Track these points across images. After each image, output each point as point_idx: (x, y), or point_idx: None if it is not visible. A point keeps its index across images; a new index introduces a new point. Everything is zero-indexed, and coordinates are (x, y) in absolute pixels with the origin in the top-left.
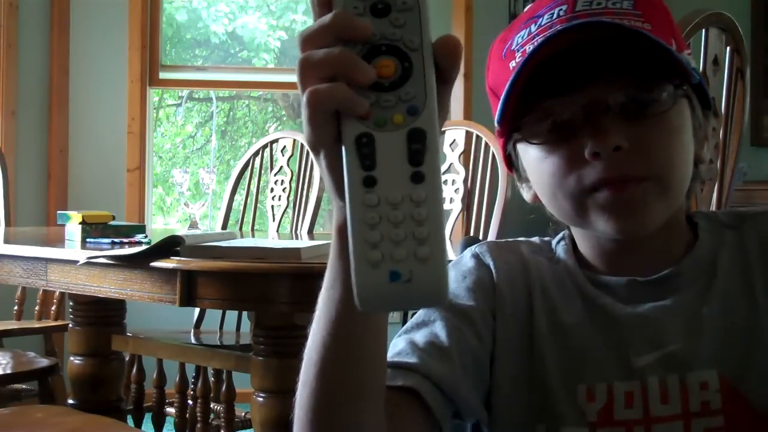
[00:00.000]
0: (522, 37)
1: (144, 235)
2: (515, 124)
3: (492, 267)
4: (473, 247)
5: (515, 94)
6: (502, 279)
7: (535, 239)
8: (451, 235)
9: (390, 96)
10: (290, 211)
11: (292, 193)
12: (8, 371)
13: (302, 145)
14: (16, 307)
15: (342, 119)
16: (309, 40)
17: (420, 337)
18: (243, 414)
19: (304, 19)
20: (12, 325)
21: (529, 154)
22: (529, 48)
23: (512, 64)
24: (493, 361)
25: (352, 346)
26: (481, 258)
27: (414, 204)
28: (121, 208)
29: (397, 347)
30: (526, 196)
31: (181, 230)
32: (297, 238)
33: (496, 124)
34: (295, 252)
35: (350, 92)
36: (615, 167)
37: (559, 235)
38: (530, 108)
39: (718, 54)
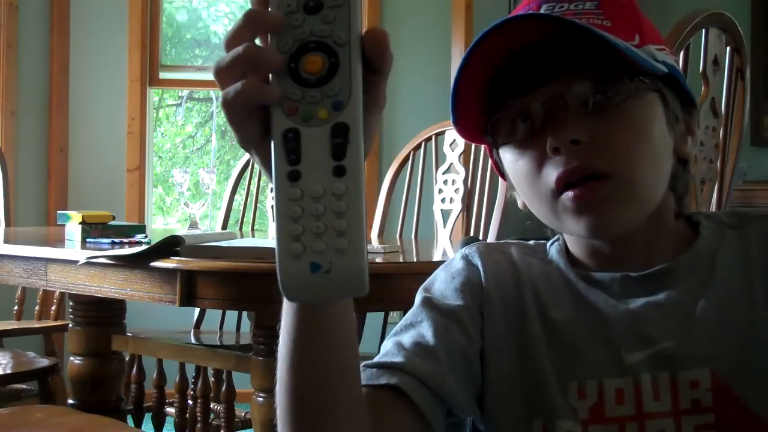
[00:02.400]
0: None
1: (144, 235)
2: (486, 127)
3: (480, 267)
4: (463, 249)
5: (466, 96)
6: (490, 279)
7: (530, 241)
8: (451, 235)
9: (316, 92)
10: None
11: None
12: (8, 371)
13: None
14: (16, 307)
15: (271, 115)
16: (229, 43)
17: (407, 338)
18: (243, 414)
19: None
20: (12, 325)
21: (506, 158)
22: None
23: None
24: (484, 360)
25: (312, 331)
26: (470, 259)
27: (335, 197)
28: (121, 208)
29: (384, 349)
30: (519, 202)
31: (181, 230)
32: None
33: (452, 125)
34: None
35: (256, 85)
36: (573, 160)
37: (556, 237)
38: (497, 108)
39: (718, 54)
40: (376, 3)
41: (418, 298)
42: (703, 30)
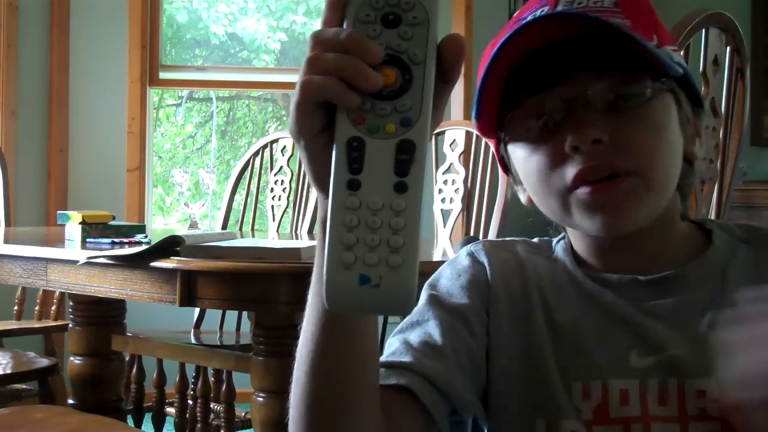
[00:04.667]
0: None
1: (144, 235)
2: (500, 123)
3: (486, 265)
4: (469, 246)
5: (488, 92)
6: (496, 277)
7: (535, 239)
8: (451, 235)
9: (386, 105)
10: (290, 211)
11: (292, 193)
12: (8, 371)
13: None
14: (16, 307)
15: (337, 119)
16: (321, 44)
17: (414, 336)
18: (243, 414)
19: (304, 21)
20: (12, 325)
21: (517, 153)
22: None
23: None
24: (489, 358)
25: (339, 340)
26: (476, 256)
27: (393, 212)
28: (121, 208)
29: (391, 347)
30: (522, 198)
31: (181, 230)
32: (297, 238)
33: (473, 121)
34: (295, 252)
35: (344, 87)
36: (594, 159)
37: (561, 235)
38: (513, 105)
39: (718, 54)
40: None
41: (424, 294)
42: (703, 30)
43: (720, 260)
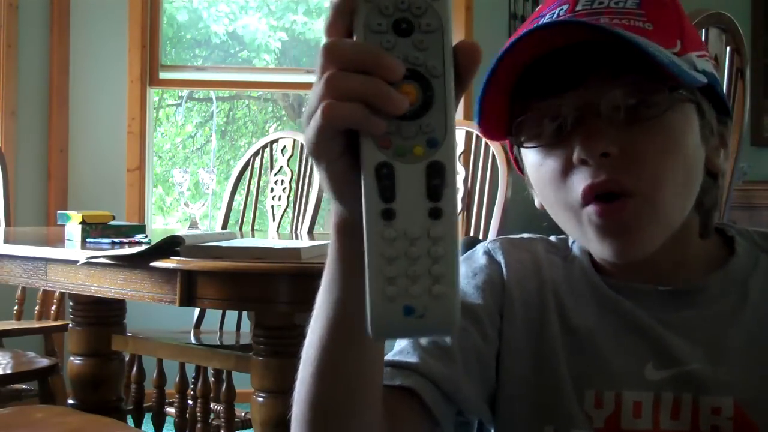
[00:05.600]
0: None
1: (144, 235)
2: (509, 127)
3: (503, 264)
4: (486, 243)
5: (492, 96)
6: (512, 277)
7: (553, 237)
8: None
9: (411, 125)
10: (290, 211)
11: (292, 193)
12: (8, 371)
13: (302, 145)
14: (16, 307)
15: (362, 144)
16: (338, 60)
17: None
18: (243, 414)
19: (304, 20)
20: (12, 325)
21: (528, 159)
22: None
23: None
24: (500, 360)
25: (348, 345)
26: (493, 255)
27: (431, 241)
28: (121, 208)
29: (400, 345)
30: (536, 201)
31: (181, 230)
32: (297, 238)
33: (476, 124)
34: (295, 252)
35: (369, 114)
36: (601, 173)
37: None
38: (523, 109)
39: (718, 54)
40: None
41: None
42: (703, 30)
43: (742, 272)
